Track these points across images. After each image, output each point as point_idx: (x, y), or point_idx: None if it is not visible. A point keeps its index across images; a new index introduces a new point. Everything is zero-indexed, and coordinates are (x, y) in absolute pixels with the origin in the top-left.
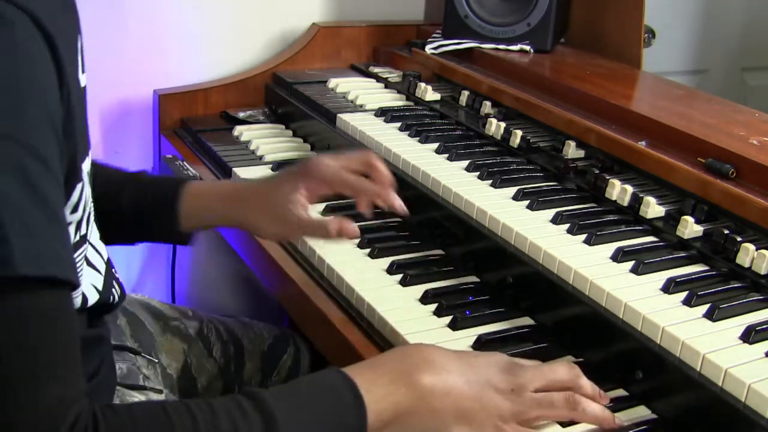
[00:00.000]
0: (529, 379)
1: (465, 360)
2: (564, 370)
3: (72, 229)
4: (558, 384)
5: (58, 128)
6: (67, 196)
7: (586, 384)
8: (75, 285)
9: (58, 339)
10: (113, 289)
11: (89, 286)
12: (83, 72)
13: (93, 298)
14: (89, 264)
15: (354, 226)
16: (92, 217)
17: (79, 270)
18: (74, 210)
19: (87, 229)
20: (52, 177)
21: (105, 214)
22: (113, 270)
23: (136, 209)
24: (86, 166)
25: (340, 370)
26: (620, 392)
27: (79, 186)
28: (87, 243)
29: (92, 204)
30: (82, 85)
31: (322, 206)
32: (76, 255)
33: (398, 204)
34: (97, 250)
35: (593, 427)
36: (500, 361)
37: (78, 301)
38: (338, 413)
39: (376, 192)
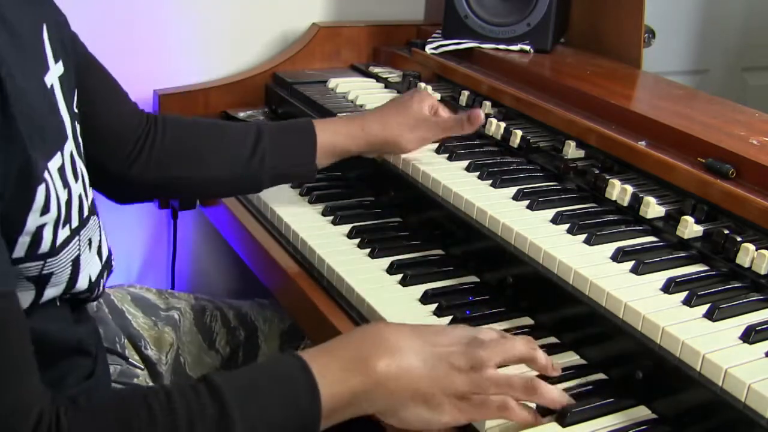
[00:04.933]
0: (488, 357)
1: (424, 338)
2: (522, 344)
3: (50, 228)
4: (517, 358)
5: None
6: (29, 200)
7: (541, 356)
8: (10, 292)
9: (4, 347)
10: (101, 278)
11: (86, 275)
12: (57, 62)
13: (83, 285)
14: (98, 252)
15: (480, 112)
16: (85, 209)
17: (67, 261)
18: (45, 211)
19: (81, 222)
20: None
21: (241, 159)
22: (110, 255)
23: (276, 153)
24: (55, 164)
25: (296, 356)
26: (620, 392)
27: (41, 188)
28: (87, 234)
29: (87, 193)
30: (58, 74)
31: (322, 206)
32: (67, 250)
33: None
34: (100, 239)
35: (595, 428)
36: (461, 336)
37: (60, 289)
38: (293, 401)
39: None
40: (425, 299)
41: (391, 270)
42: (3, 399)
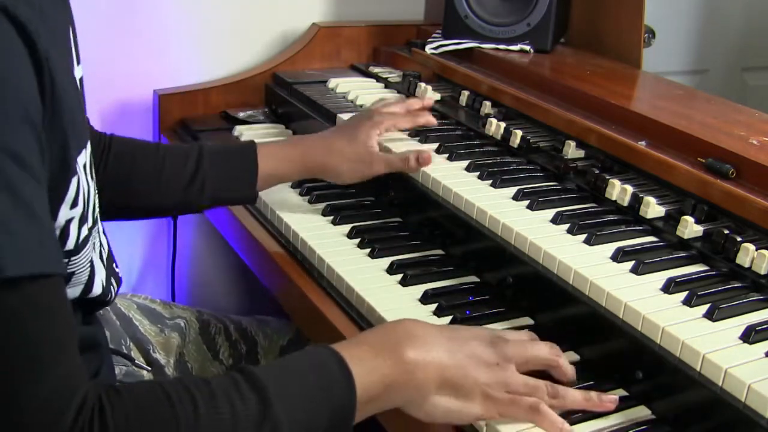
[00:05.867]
0: (512, 354)
1: (448, 333)
2: (546, 348)
3: (75, 224)
4: (540, 361)
5: (36, 125)
6: (62, 192)
7: (566, 365)
8: (62, 274)
9: (54, 329)
10: (111, 286)
11: (99, 280)
12: (78, 64)
13: (97, 291)
14: (100, 257)
15: (429, 154)
16: (97, 210)
17: (86, 261)
18: (74, 205)
19: (93, 222)
20: (30, 175)
21: (179, 187)
22: (114, 263)
23: (217, 180)
24: (82, 159)
25: (328, 347)
26: (620, 392)
27: (74, 180)
28: (97, 236)
29: (96, 195)
30: (78, 77)
31: (322, 206)
32: (86, 249)
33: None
34: (101, 244)
35: (598, 427)
36: (484, 335)
37: (78, 291)
38: (328, 389)
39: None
40: (425, 299)
41: (391, 270)
42: (49, 379)
